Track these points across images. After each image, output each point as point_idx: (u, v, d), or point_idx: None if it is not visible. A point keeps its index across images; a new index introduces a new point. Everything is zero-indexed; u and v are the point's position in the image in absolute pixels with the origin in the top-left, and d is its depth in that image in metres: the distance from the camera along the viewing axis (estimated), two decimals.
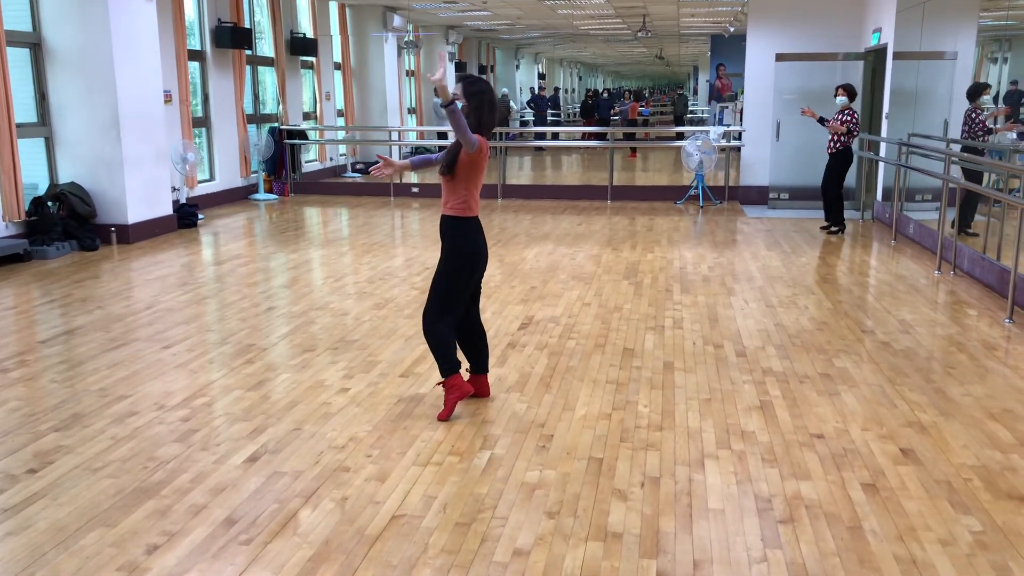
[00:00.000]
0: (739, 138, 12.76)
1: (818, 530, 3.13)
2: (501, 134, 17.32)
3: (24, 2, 8.78)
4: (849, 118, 9.39)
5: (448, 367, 4.21)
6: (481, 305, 6.49)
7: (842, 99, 9.42)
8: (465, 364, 4.55)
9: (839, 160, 9.58)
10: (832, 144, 9.56)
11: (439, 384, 4.34)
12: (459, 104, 3.90)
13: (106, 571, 2.89)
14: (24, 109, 8.82)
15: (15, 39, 8.65)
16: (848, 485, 3.48)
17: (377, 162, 4.48)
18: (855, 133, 9.47)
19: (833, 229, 9.79)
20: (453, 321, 4.21)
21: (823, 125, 9.57)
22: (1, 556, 2.99)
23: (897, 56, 10.18)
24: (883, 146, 10.49)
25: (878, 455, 3.77)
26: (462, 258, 4.15)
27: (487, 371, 4.48)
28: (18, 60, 8.77)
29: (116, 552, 3.00)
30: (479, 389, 4.46)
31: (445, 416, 4.20)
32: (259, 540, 3.09)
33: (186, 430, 4.10)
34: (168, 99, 10.57)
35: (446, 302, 4.17)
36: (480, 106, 4.05)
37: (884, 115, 10.52)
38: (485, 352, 4.44)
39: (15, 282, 7.42)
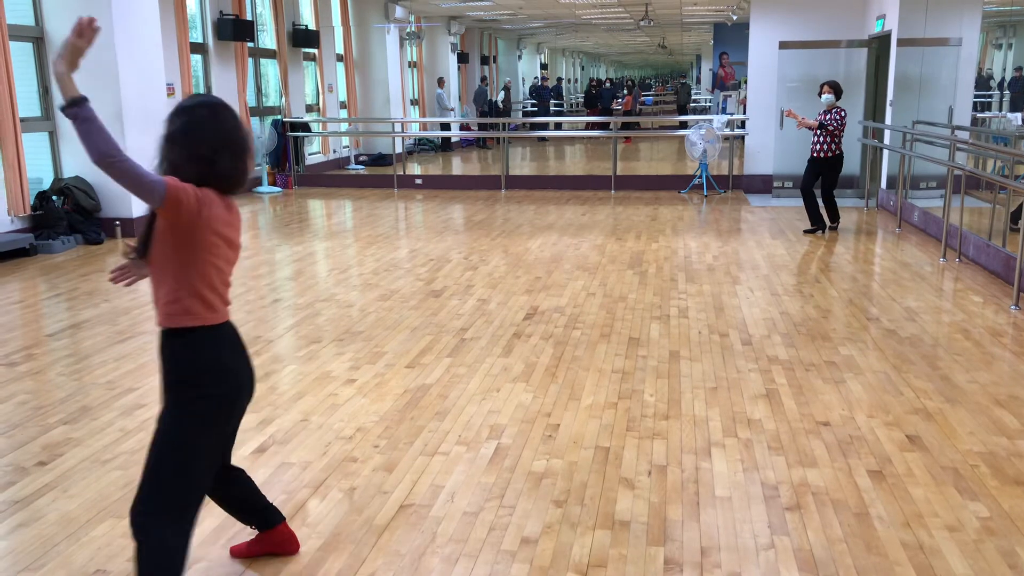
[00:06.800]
0: (743, 127, 12.73)
1: (825, 517, 3.14)
2: (503, 125, 17.33)
3: None
4: (836, 116, 8.77)
5: None
6: (486, 296, 6.49)
7: (828, 97, 8.82)
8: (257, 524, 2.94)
9: (834, 166, 8.99)
10: (827, 149, 8.89)
11: None
12: (88, 106, 2.31)
13: (116, 562, 2.91)
14: (28, 103, 8.82)
15: (18, 33, 8.64)
16: (854, 472, 3.49)
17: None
18: (839, 135, 8.83)
19: (833, 226, 9.20)
20: (191, 517, 2.44)
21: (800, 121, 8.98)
22: (12, 548, 3.01)
23: (901, 43, 10.14)
24: (887, 134, 10.46)
25: (884, 442, 3.78)
26: (202, 399, 2.43)
27: (284, 518, 2.92)
28: (21, 54, 8.77)
29: (126, 543, 3.02)
30: (280, 544, 2.92)
31: None
32: None
33: None
34: (171, 92, 10.57)
35: (179, 485, 2.41)
36: (187, 142, 2.40)
37: (888, 102, 10.49)
38: (262, 498, 2.86)
39: (21, 276, 7.44)
